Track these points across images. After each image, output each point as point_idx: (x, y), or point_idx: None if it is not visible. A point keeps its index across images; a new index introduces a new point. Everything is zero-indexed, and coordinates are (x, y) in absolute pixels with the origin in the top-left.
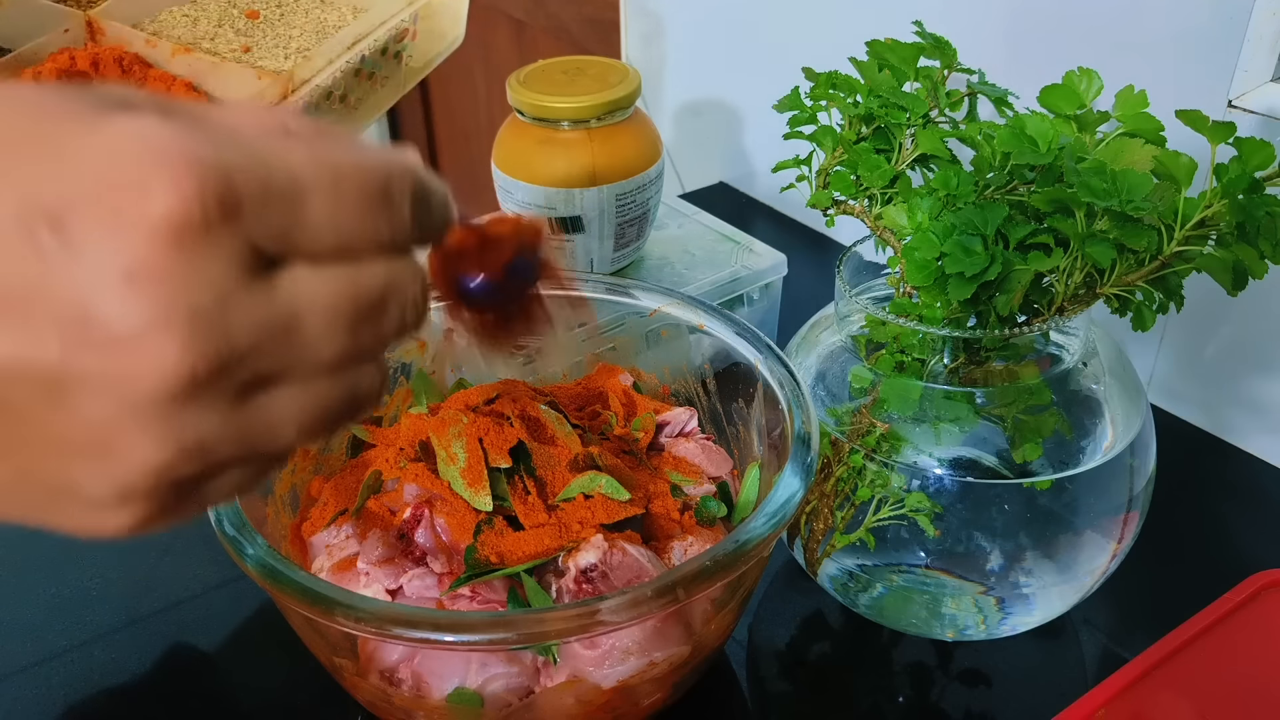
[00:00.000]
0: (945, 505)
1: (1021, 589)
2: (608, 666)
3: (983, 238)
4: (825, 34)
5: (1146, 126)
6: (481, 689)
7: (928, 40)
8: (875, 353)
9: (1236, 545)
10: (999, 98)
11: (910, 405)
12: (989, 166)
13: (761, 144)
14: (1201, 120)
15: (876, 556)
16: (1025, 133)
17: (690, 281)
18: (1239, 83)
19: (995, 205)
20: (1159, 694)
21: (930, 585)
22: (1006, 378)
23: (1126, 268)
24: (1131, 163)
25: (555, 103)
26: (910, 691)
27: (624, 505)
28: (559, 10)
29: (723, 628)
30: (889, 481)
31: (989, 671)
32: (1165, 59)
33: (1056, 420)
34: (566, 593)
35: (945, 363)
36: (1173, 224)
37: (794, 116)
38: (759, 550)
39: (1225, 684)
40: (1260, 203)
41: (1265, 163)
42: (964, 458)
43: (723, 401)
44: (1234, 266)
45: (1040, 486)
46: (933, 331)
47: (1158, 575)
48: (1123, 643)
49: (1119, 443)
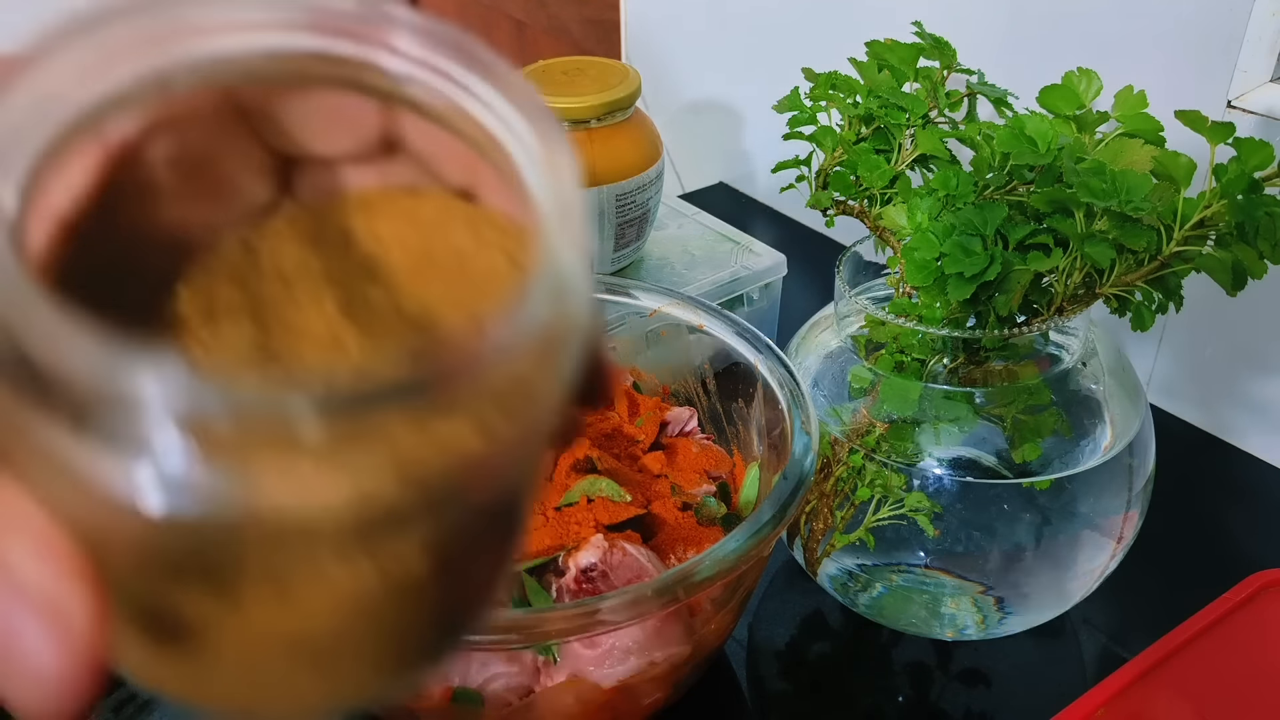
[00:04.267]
0: (944, 505)
1: (1021, 589)
2: (608, 666)
3: (982, 238)
4: (825, 34)
5: (1146, 127)
6: (482, 688)
7: (927, 41)
8: (875, 353)
9: (1236, 545)
10: (998, 98)
11: (910, 405)
12: (988, 167)
13: (761, 144)
14: (1201, 120)
15: (876, 556)
16: (1024, 133)
17: (690, 281)
18: (1238, 83)
19: (995, 205)
20: (1158, 694)
21: (930, 585)
22: (1006, 378)
23: (1126, 268)
24: (1131, 163)
25: (555, 103)
26: (909, 691)
27: (624, 506)
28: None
29: (723, 627)
30: (888, 481)
31: (988, 671)
32: (1164, 59)
33: (1056, 420)
34: (567, 592)
35: (945, 363)
36: (1172, 224)
37: (794, 117)
38: (759, 550)
39: (1225, 684)
40: (1259, 203)
41: (1264, 163)
42: (963, 458)
43: (723, 401)
44: (1233, 267)
45: (1039, 486)
46: (932, 331)
47: (1157, 575)
48: (1122, 643)
49: (1118, 443)
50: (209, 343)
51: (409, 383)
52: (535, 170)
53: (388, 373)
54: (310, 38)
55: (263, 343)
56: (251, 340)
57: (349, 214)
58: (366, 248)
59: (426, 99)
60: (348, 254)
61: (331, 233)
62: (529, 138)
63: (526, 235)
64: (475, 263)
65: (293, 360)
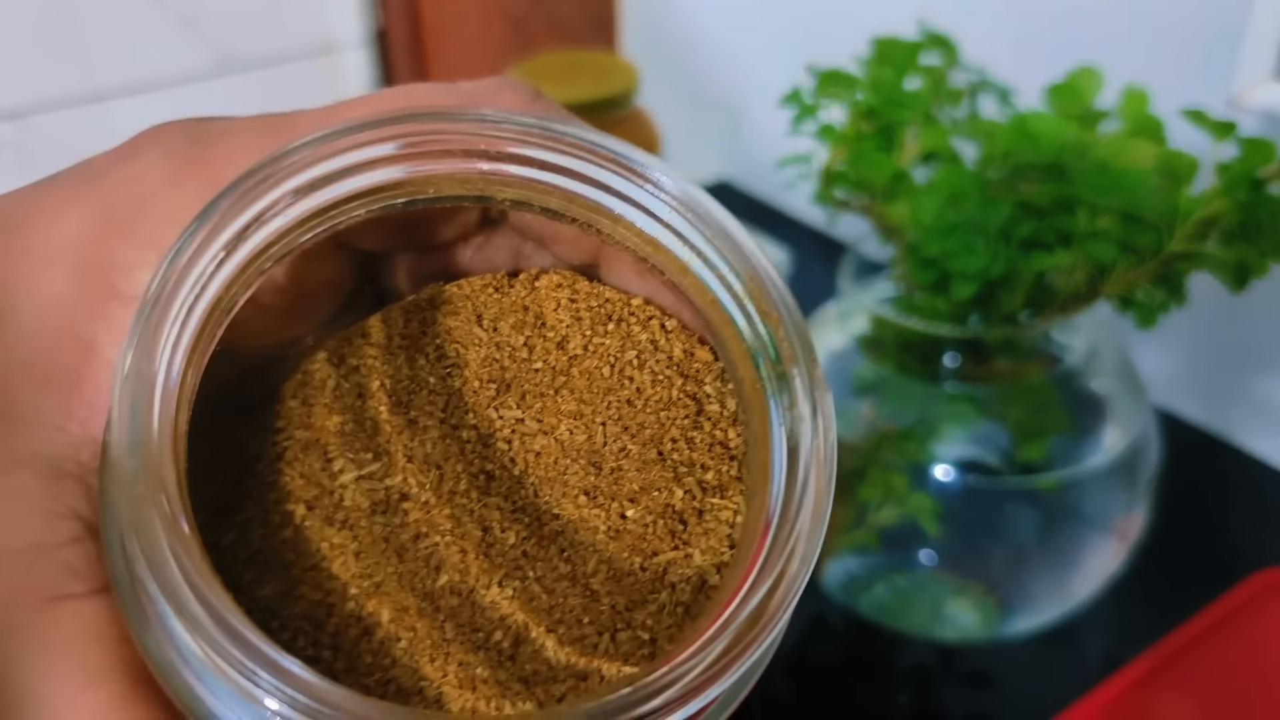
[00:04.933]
0: (947, 505)
1: (1024, 589)
2: None
3: (986, 236)
4: (828, 29)
5: (1149, 125)
6: None
7: (929, 37)
8: (878, 351)
9: (1238, 545)
10: (1001, 95)
11: (913, 404)
12: (992, 165)
13: (763, 141)
14: (1204, 118)
15: (879, 557)
16: (1028, 131)
17: None
18: (1241, 80)
19: (998, 203)
20: (1161, 694)
21: (932, 586)
22: (1009, 377)
23: (1129, 266)
24: (1134, 161)
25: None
26: (912, 692)
27: None
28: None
29: None
30: (891, 481)
31: (990, 672)
32: (1167, 56)
33: (1059, 420)
34: None
35: (948, 362)
36: (1175, 222)
37: (797, 114)
38: None
39: (1227, 684)
40: (1262, 201)
41: (1267, 161)
42: (966, 457)
43: None
44: (1236, 265)
45: (1043, 486)
46: (936, 330)
47: (1160, 575)
48: (1124, 643)
49: (1122, 442)
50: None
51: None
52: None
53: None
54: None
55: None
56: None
57: (481, 319)
58: (500, 355)
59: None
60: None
61: (501, 350)
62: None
63: (702, 349)
64: (638, 377)
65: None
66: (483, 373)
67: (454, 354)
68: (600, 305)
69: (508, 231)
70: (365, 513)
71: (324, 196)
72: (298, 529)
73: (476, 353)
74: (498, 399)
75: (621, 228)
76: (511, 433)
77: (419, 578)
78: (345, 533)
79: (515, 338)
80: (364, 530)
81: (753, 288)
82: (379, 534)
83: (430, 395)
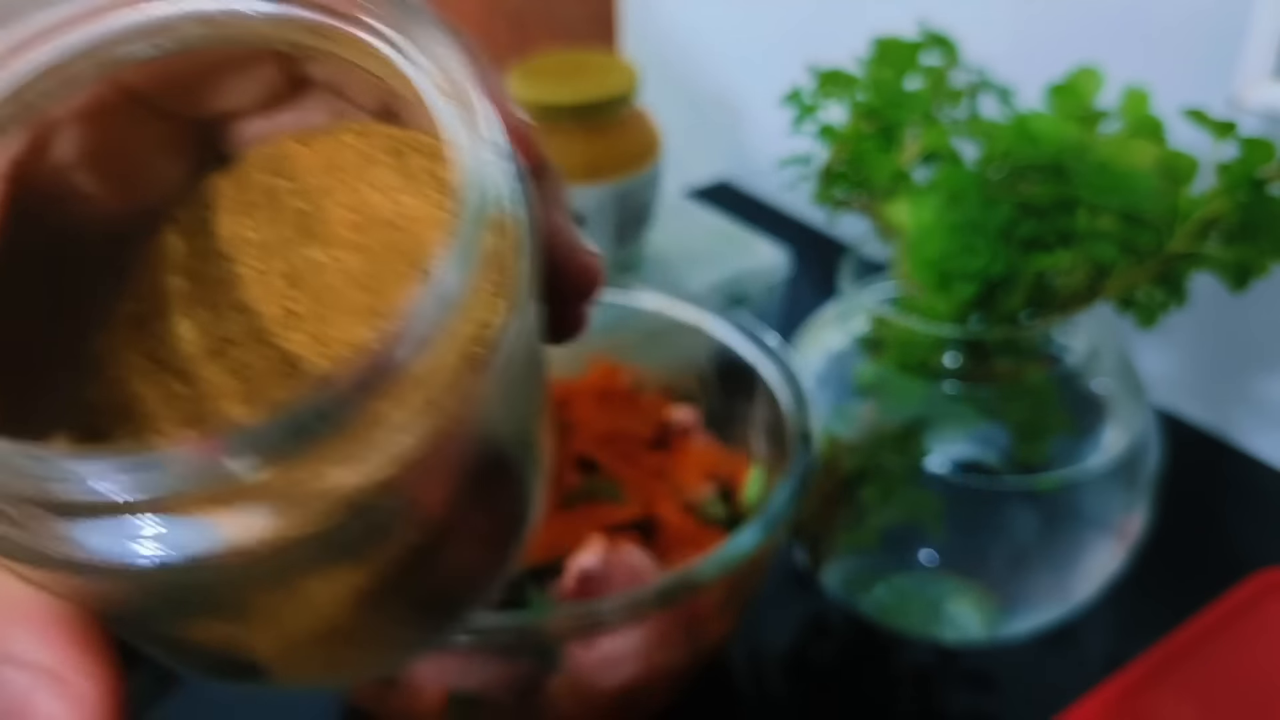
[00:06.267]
0: (947, 505)
1: (1024, 589)
2: (607, 670)
3: (986, 236)
4: (828, 30)
5: (1149, 125)
6: (480, 690)
7: (929, 37)
8: (878, 351)
9: (1239, 545)
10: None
11: (914, 405)
12: (992, 165)
13: (763, 141)
14: (1204, 118)
15: (879, 557)
16: (1028, 131)
17: (690, 280)
18: (1241, 80)
19: (999, 203)
20: (1161, 695)
21: (932, 586)
22: (1010, 377)
23: (1129, 266)
24: (1134, 161)
25: (554, 98)
26: (911, 693)
27: (625, 508)
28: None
29: (723, 629)
30: (892, 481)
31: (990, 672)
32: (1167, 56)
33: (1059, 420)
34: (566, 595)
35: (949, 362)
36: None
37: (797, 114)
38: (761, 553)
39: (1228, 685)
40: (1262, 201)
41: (1267, 160)
42: (967, 457)
43: (725, 401)
44: (1237, 265)
45: (1043, 486)
46: (936, 330)
47: (1160, 576)
48: (1125, 643)
49: (1122, 442)
50: (165, 340)
51: (328, 407)
52: (423, 75)
53: (304, 404)
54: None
55: (219, 330)
56: (207, 331)
57: (271, 172)
58: (297, 204)
59: (298, 37)
60: (279, 216)
61: (257, 196)
62: (400, 39)
63: (445, 149)
64: (406, 203)
65: (255, 348)
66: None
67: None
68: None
69: (321, 93)
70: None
71: (90, 32)
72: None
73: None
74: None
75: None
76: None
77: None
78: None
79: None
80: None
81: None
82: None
83: (248, 248)
